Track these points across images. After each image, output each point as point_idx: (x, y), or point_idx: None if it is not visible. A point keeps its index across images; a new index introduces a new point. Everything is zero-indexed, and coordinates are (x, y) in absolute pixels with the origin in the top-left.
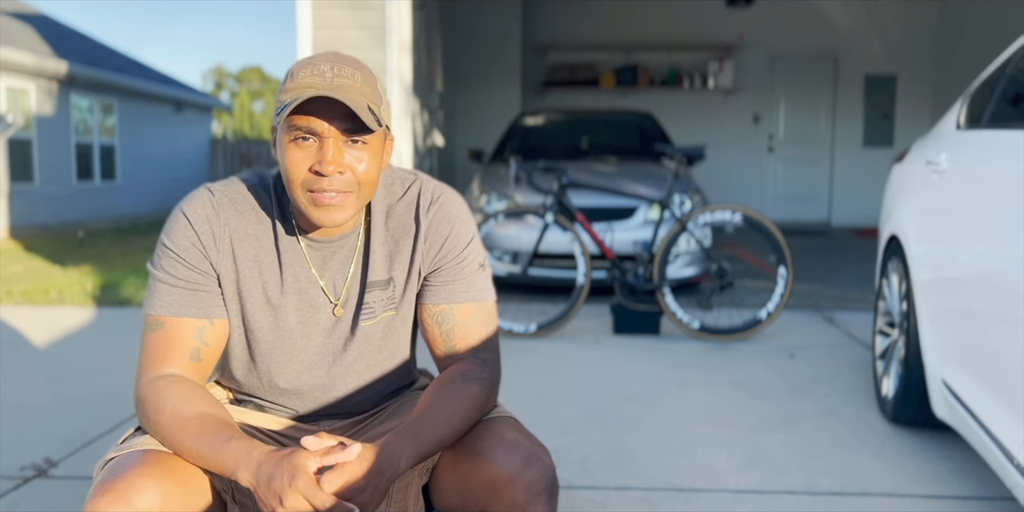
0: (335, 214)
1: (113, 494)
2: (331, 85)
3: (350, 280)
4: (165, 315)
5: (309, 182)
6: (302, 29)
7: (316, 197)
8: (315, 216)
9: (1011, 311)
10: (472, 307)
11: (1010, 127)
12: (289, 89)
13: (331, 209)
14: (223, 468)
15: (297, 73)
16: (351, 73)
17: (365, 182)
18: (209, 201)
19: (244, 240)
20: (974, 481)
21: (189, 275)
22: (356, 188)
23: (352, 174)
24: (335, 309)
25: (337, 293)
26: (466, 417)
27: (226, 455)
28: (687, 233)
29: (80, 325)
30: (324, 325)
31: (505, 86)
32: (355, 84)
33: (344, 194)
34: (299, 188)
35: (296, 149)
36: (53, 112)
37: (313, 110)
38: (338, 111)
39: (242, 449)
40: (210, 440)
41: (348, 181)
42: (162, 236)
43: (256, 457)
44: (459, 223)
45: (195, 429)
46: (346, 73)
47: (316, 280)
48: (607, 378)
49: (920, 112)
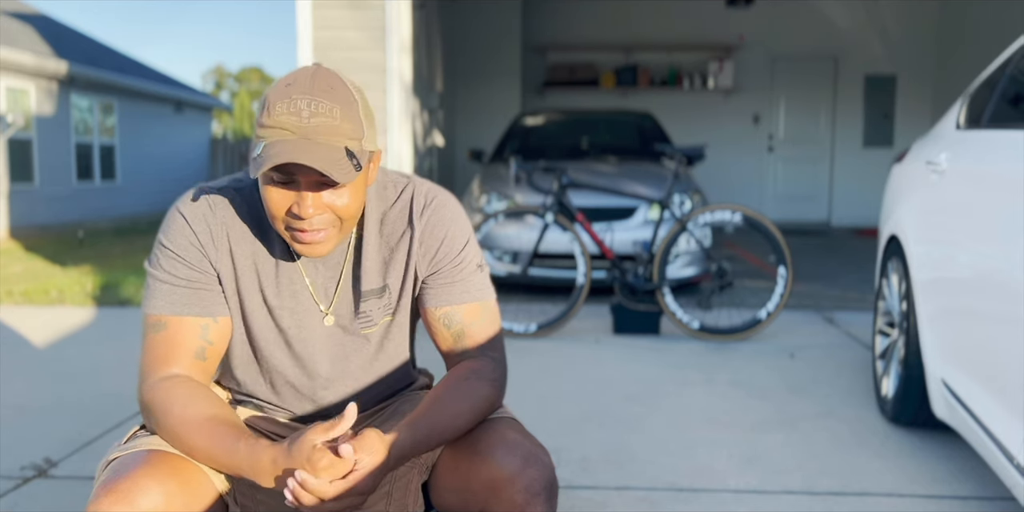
0: (318, 248)
1: (117, 494)
2: (307, 127)
3: (340, 287)
4: (167, 315)
5: (289, 222)
6: (302, 29)
7: (297, 235)
8: (298, 250)
9: (1011, 311)
10: (476, 307)
11: (1010, 127)
12: (267, 126)
13: (313, 245)
14: (234, 471)
15: (273, 106)
16: (328, 108)
17: (347, 216)
18: (205, 200)
19: (241, 238)
20: (974, 481)
21: (190, 274)
22: (338, 223)
23: (332, 212)
24: (325, 318)
25: (328, 299)
26: (475, 414)
27: (238, 458)
28: (687, 233)
29: (80, 325)
30: (319, 329)
31: (505, 86)
32: (332, 121)
33: (325, 230)
34: (280, 225)
35: (274, 190)
36: (53, 112)
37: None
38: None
39: (250, 451)
40: (220, 442)
41: (328, 219)
42: (159, 236)
43: (266, 456)
44: (454, 226)
45: (205, 431)
46: (323, 109)
47: (307, 286)
48: (607, 378)
49: (920, 112)
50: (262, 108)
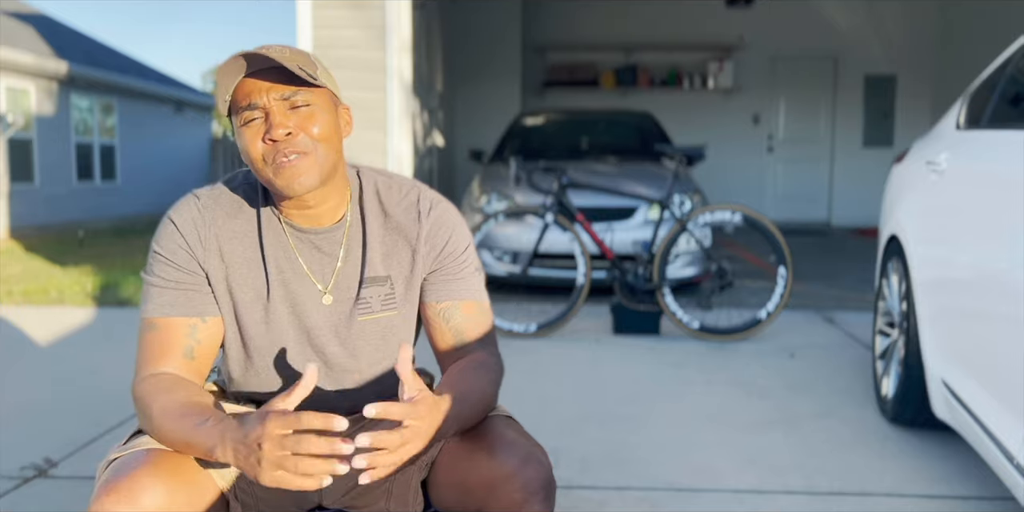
0: (298, 177)
1: (119, 493)
2: (255, 55)
3: (339, 271)
4: (158, 316)
5: (268, 153)
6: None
7: (279, 165)
8: (280, 185)
9: (1011, 311)
10: (474, 304)
11: (1010, 127)
12: (222, 75)
13: (292, 172)
14: (203, 449)
15: (224, 64)
16: (279, 49)
17: (321, 139)
18: (194, 205)
19: (231, 238)
20: (974, 481)
21: (178, 276)
22: (313, 148)
23: (305, 134)
24: (323, 297)
25: (325, 282)
26: (487, 402)
27: (204, 434)
28: (687, 233)
29: (80, 325)
30: (315, 317)
31: (505, 86)
32: (283, 55)
33: (302, 155)
34: (261, 164)
35: (247, 130)
36: (53, 112)
37: (247, 85)
38: (272, 78)
39: (218, 426)
40: (189, 423)
41: (302, 142)
42: (152, 243)
43: (230, 427)
44: (458, 228)
45: (177, 416)
46: (274, 49)
47: (302, 268)
48: (607, 378)
49: (920, 112)
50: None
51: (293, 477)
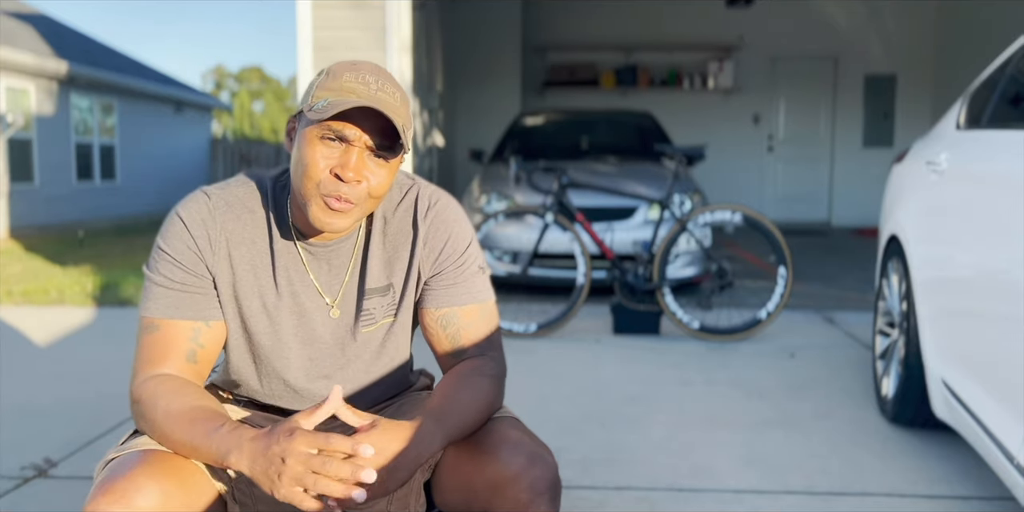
0: (339, 221)
1: (114, 494)
2: (375, 98)
3: (346, 284)
4: (160, 317)
5: (326, 184)
6: (302, 29)
7: (329, 201)
8: (319, 219)
9: (1011, 311)
10: (475, 308)
11: (1010, 127)
12: (331, 88)
13: (337, 215)
14: (215, 455)
15: (340, 74)
16: (392, 91)
17: (375, 195)
18: (205, 204)
19: (240, 243)
20: (974, 481)
21: (185, 278)
22: (365, 200)
23: (367, 185)
24: (331, 311)
25: (333, 295)
26: (482, 409)
27: (217, 441)
28: (687, 233)
29: (80, 325)
30: (321, 330)
31: (505, 86)
32: (395, 103)
33: (353, 205)
34: (313, 187)
35: (323, 147)
36: (53, 112)
37: (352, 117)
38: (374, 124)
39: (233, 434)
40: (201, 428)
41: (360, 192)
42: (158, 239)
43: (247, 436)
44: (457, 227)
45: (186, 421)
46: (388, 90)
47: (311, 282)
48: (607, 378)
49: (920, 112)
50: (325, 76)
51: (305, 497)
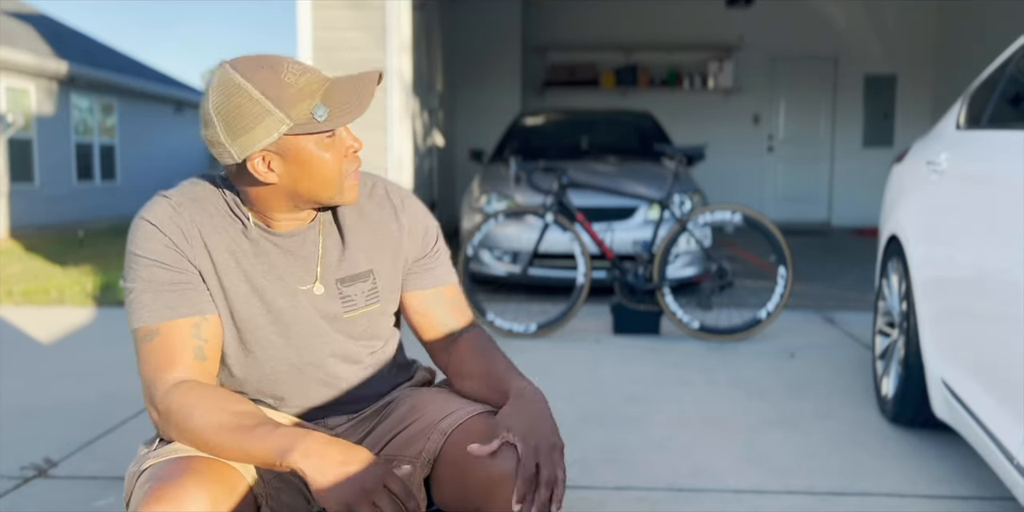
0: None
1: (167, 502)
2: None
3: (321, 273)
4: (156, 322)
5: (346, 168)
6: (302, 29)
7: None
8: (349, 196)
9: (1011, 311)
10: (453, 288)
11: (1010, 127)
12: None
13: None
14: (272, 456)
15: (276, 80)
16: (315, 69)
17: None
18: (168, 204)
19: (213, 232)
20: (974, 481)
21: (171, 277)
22: None
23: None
24: (314, 287)
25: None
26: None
27: (273, 440)
28: (687, 233)
29: (80, 325)
30: (307, 312)
31: (505, 86)
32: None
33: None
34: (340, 178)
35: (329, 146)
36: (53, 112)
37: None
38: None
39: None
40: (249, 432)
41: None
42: (129, 248)
43: (318, 437)
44: (429, 218)
45: (233, 426)
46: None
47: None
48: (607, 378)
49: (920, 112)
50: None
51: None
